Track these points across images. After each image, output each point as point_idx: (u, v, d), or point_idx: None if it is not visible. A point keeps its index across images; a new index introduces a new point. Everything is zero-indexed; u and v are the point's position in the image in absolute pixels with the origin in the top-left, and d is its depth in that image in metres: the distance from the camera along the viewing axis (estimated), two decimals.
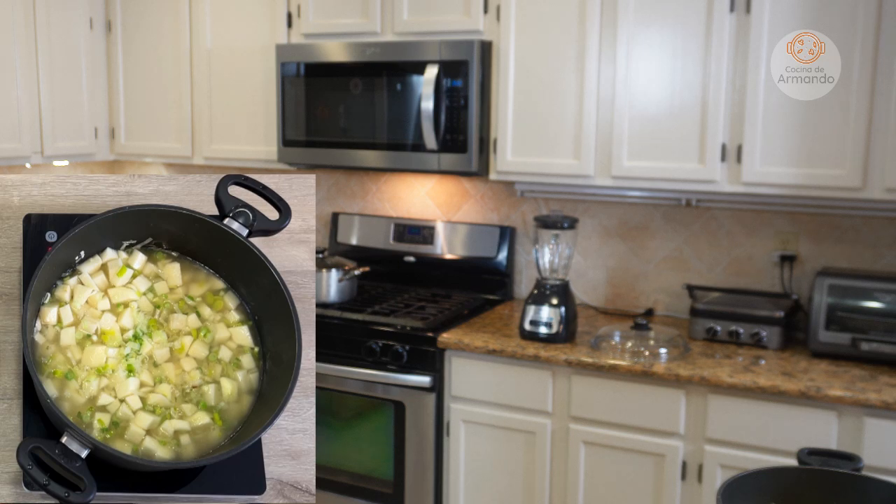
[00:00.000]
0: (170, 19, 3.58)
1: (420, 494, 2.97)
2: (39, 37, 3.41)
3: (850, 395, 2.37)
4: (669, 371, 2.57)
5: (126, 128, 3.78)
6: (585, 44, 2.87)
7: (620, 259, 3.28)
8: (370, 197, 3.70)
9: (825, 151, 2.63)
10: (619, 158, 2.88)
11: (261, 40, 3.40)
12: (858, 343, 2.60)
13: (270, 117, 3.40)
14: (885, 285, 2.64)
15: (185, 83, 3.59)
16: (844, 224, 2.95)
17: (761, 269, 3.08)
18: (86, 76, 3.65)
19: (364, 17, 3.21)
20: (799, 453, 1.50)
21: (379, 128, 3.16)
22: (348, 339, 3.00)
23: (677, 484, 2.61)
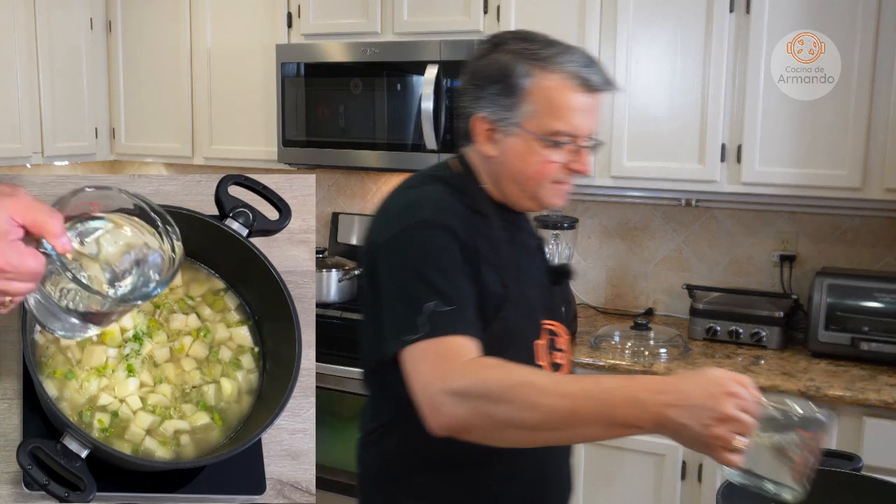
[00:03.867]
0: (170, 19, 3.59)
1: None
2: (40, 37, 3.41)
3: (849, 395, 2.37)
4: (669, 371, 2.57)
5: (126, 128, 3.78)
6: (585, 44, 2.87)
7: (620, 259, 3.28)
8: (370, 197, 3.70)
9: (825, 151, 2.63)
10: (619, 158, 2.88)
11: (261, 40, 3.40)
12: (858, 343, 2.60)
13: (270, 117, 3.40)
14: (884, 285, 2.64)
15: (185, 83, 3.59)
16: (844, 224, 2.95)
17: (761, 269, 3.08)
18: (86, 76, 3.65)
19: (364, 17, 3.21)
20: None
21: (379, 128, 3.16)
22: (348, 339, 3.00)
23: (677, 484, 2.61)
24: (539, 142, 1.38)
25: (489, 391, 1.16)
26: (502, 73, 1.39)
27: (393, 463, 1.52)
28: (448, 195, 1.42)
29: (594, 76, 1.38)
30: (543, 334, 1.51)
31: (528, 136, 1.39)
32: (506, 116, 1.39)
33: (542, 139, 1.38)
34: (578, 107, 1.38)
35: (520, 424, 1.14)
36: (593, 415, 1.12)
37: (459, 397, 1.16)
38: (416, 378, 1.24)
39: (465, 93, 1.46)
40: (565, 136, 1.38)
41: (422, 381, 1.23)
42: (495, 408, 1.14)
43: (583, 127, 1.39)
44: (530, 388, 1.15)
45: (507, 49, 1.40)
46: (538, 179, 1.42)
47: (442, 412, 1.17)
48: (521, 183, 1.43)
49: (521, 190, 1.44)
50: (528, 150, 1.39)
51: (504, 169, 1.43)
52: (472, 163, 1.49)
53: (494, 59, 1.41)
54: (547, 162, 1.39)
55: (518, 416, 1.14)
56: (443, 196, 1.42)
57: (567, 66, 1.37)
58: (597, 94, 1.40)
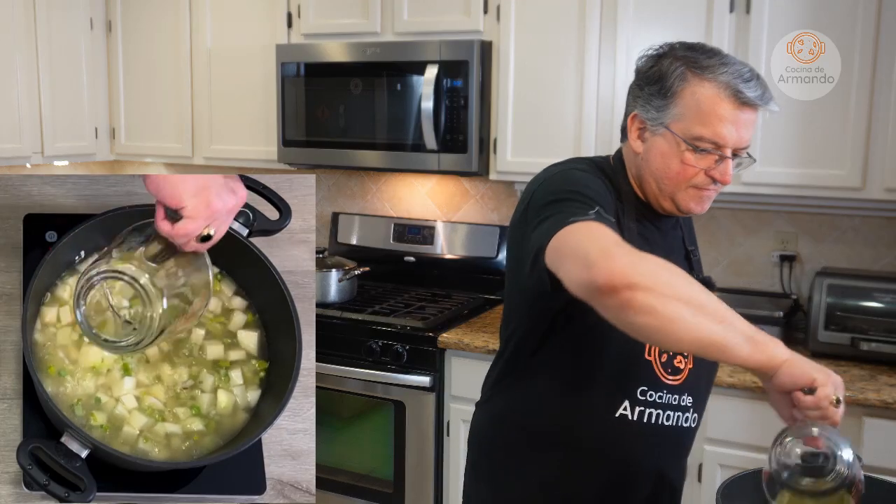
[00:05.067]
0: (170, 19, 3.58)
1: (420, 494, 2.97)
2: (40, 37, 3.41)
3: (849, 395, 2.37)
4: None
5: (126, 128, 3.78)
6: (585, 44, 2.87)
7: None
8: (370, 197, 3.70)
9: (825, 151, 2.63)
10: None
11: (261, 40, 3.40)
12: (858, 343, 2.60)
13: (270, 117, 3.40)
14: (884, 285, 2.64)
15: (185, 83, 3.59)
16: (844, 224, 2.95)
17: (761, 269, 3.08)
18: (86, 76, 3.65)
19: (364, 17, 3.21)
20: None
21: (379, 128, 3.16)
22: (348, 339, 3.00)
23: None
24: (682, 144, 1.42)
25: (668, 266, 1.20)
26: (661, 75, 1.44)
27: (495, 424, 1.60)
28: (596, 173, 1.49)
29: (749, 91, 1.40)
30: None
31: (673, 137, 1.43)
32: (656, 116, 1.45)
33: (685, 142, 1.42)
34: (726, 117, 1.40)
35: (689, 300, 1.17)
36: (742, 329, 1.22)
37: (638, 257, 1.19)
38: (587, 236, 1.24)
39: (630, 92, 1.52)
40: (708, 143, 1.41)
41: (595, 235, 1.23)
42: (670, 276, 1.19)
43: (728, 137, 1.41)
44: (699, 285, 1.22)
45: (673, 55, 1.46)
46: (676, 181, 1.45)
47: (616, 259, 1.17)
48: (660, 182, 1.47)
49: (659, 189, 1.48)
50: (671, 151, 1.44)
51: (647, 166, 1.48)
52: (624, 157, 1.55)
53: (659, 62, 1.46)
54: (687, 165, 1.43)
55: (689, 291, 1.18)
56: (591, 168, 1.51)
57: (722, 77, 1.40)
58: (748, 109, 1.41)
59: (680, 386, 1.52)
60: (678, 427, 1.54)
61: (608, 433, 1.49)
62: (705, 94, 1.40)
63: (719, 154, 1.42)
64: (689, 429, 1.57)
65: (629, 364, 1.48)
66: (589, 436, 1.49)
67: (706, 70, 1.41)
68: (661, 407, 1.50)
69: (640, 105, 1.48)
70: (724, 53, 1.45)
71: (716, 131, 1.40)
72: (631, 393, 1.48)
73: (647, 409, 1.49)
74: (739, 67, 1.42)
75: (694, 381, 1.55)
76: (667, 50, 1.48)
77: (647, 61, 1.49)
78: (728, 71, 1.40)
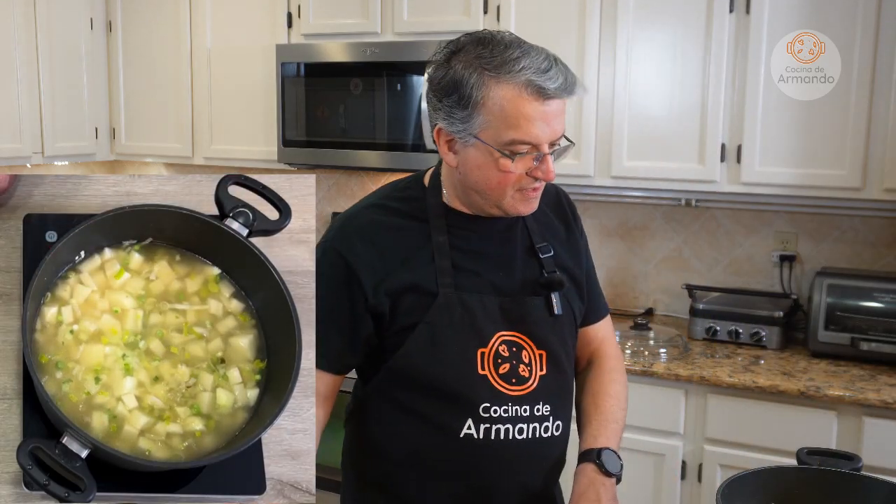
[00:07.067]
0: (170, 19, 3.59)
1: None
2: (40, 37, 3.41)
3: (849, 395, 2.37)
4: (669, 371, 2.57)
5: (126, 128, 3.78)
6: (585, 44, 2.87)
7: (620, 259, 3.28)
8: None
9: (825, 151, 2.63)
10: (619, 158, 2.88)
11: (261, 40, 3.40)
12: (858, 343, 2.60)
13: (270, 117, 3.40)
14: (884, 285, 2.64)
15: (185, 83, 3.59)
16: (844, 224, 2.95)
17: (761, 269, 3.08)
18: (86, 76, 3.65)
19: (364, 17, 3.22)
20: (798, 453, 1.50)
21: (379, 128, 3.16)
22: None
23: (677, 484, 2.61)
24: (496, 153, 1.35)
25: None
26: (456, 84, 1.36)
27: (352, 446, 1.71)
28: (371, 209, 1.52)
29: (549, 83, 1.31)
30: (494, 344, 1.46)
31: (485, 147, 1.35)
32: (462, 128, 1.37)
33: (497, 150, 1.34)
34: (533, 115, 1.32)
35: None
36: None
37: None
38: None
39: (428, 102, 1.45)
40: (522, 146, 1.34)
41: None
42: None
43: (541, 135, 1.33)
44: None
45: (462, 58, 1.38)
46: (499, 190, 1.39)
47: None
48: (482, 194, 1.41)
49: (483, 200, 1.43)
50: (486, 161, 1.37)
51: (466, 180, 1.42)
52: (442, 170, 1.50)
53: (450, 70, 1.39)
54: (506, 172, 1.36)
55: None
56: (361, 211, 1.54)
57: (520, 75, 1.31)
58: (554, 100, 1.33)
59: (529, 395, 1.45)
60: (536, 439, 1.46)
61: (457, 455, 1.45)
62: (507, 97, 1.32)
63: (536, 153, 1.34)
64: (552, 438, 1.48)
65: (463, 384, 1.43)
66: (441, 458, 1.46)
67: (501, 70, 1.32)
68: (509, 421, 1.44)
69: (443, 118, 1.39)
70: (513, 42, 1.35)
71: (527, 132, 1.32)
72: (472, 411, 1.43)
73: (494, 425, 1.43)
74: (535, 57, 1.32)
75: (549, 388, 1.47)
76: (454, 50, 1.40)
77: (438, 70, 1.41)
78: (524, 66, 1.31)
